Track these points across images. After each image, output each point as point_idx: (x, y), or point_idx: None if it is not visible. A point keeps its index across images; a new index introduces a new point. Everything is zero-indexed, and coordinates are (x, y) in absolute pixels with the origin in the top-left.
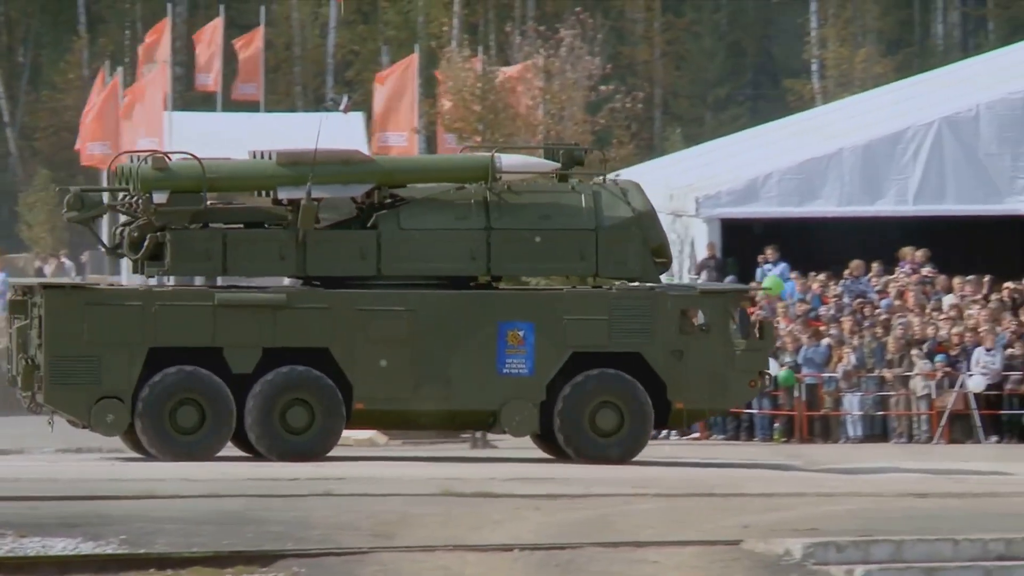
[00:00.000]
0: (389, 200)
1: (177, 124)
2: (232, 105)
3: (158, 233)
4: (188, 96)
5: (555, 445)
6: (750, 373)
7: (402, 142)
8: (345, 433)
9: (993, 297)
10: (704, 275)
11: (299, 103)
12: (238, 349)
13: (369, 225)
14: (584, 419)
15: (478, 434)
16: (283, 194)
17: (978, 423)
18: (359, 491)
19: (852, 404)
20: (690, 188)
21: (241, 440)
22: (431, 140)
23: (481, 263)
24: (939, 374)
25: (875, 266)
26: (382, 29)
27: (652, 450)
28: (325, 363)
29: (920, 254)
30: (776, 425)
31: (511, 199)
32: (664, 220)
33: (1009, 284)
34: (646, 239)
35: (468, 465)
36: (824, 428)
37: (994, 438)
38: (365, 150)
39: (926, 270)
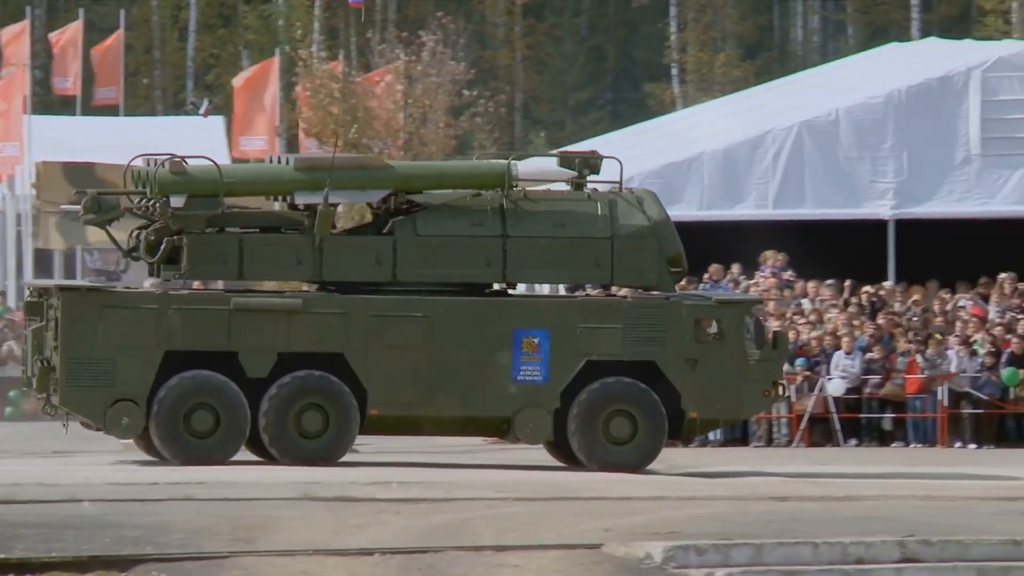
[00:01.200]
0: (405, 206)
1: (36, 128)
2: (91, 109)
3: (175, 237)
4: (48, 100)
5: (567, 453)
6: (764, 383)
7: (262, 146)
8: None
9: (852, 301)
10: None
11: (159, 107)
12: (253, 353)
13: (385, 231)
14: (598, 427)
15: None
16: (300, 199)
17: (837, 426)
18: (219, 495)
19: None
20: None
21: (254, 444)
22: (292, 145)
23: (496, 270)
24: (799, 378)
25: (735, 270)
26: (242, 33)
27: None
28: (340, 368)
29: (780, 258)
30: None
31: (527, 207)
32: None
33: (868, 288)
34: (661, 248)
35: (329, 469)
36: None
37: (853, 441)
38: (224, 155)
39: (787, 274)
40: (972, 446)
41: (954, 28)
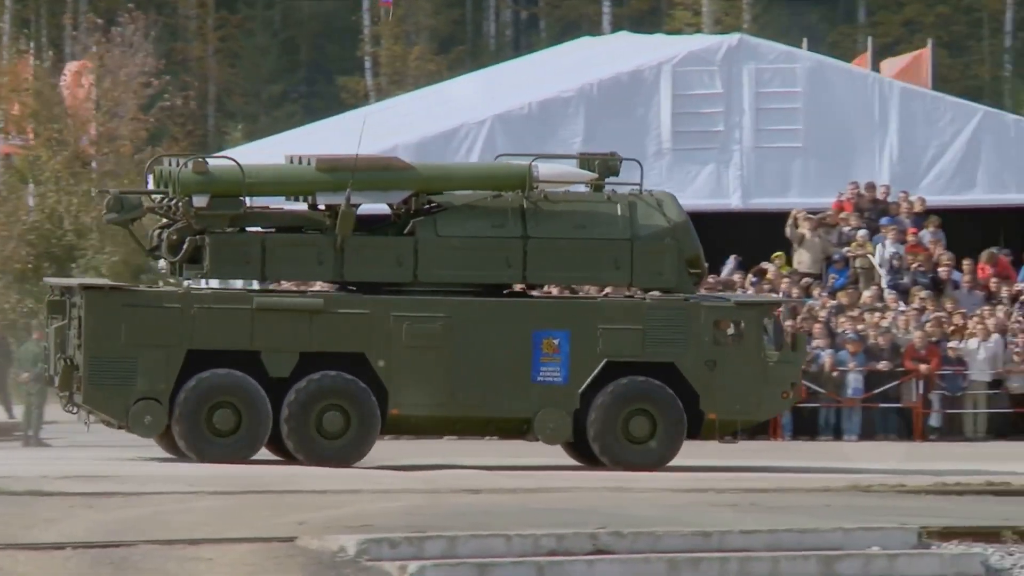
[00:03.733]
0: (427, 207)
1: None
2: None
3: (197, 236)
4: None
5: (585, 453)
6: (783, 384)
7: None
8: None
9: None
10: None
11: None
12: (276, 353)
13: (406, 232)
14: (618, 427)
15: (30, 432)
16: (322, 200)
17: None
18: None
19: None
20: None
21: (273, 444)
22: None
23: (517, 271)
24: None
25: None
26: None
27: None
28: (361, 368)
29: None
30: None
31: (547, 208)
32: None
33: None
34: (681, 250)
35: (20, 463)
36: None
37: None
38: None
39: None
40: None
41: (645, 23)
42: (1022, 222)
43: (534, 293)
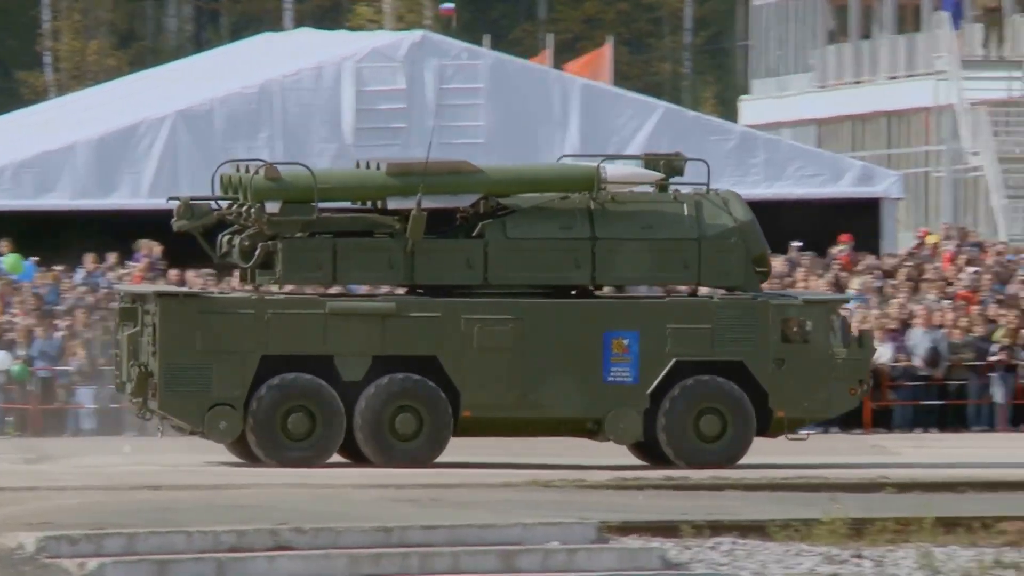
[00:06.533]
0: (494, 210)
1: None
2: None
3: (269, 242)
4: None
5: (651, 452)
6: (850, 381)
7: None
8: None
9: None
10: None
11: None
12: (348, 357)
13: (475, 234)
14: (688, 425)
15: None
16: (393, 204)
17: None
18: None
19: (86, 397)
20: None
21: (344, 447)
22: None
23: (585, 272)
24: None
25: (110, 258)
26: None
27: None
28: (433, 371)
29: (156, 247)
30: (9, 419)
31: (614, 209)
32: None
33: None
34: (748, 248)
35: None
36: (58, 422)
37: None
38: None
39: (161, 263)
40: None
41: (327, 19)
42: None
43: (602, 293)
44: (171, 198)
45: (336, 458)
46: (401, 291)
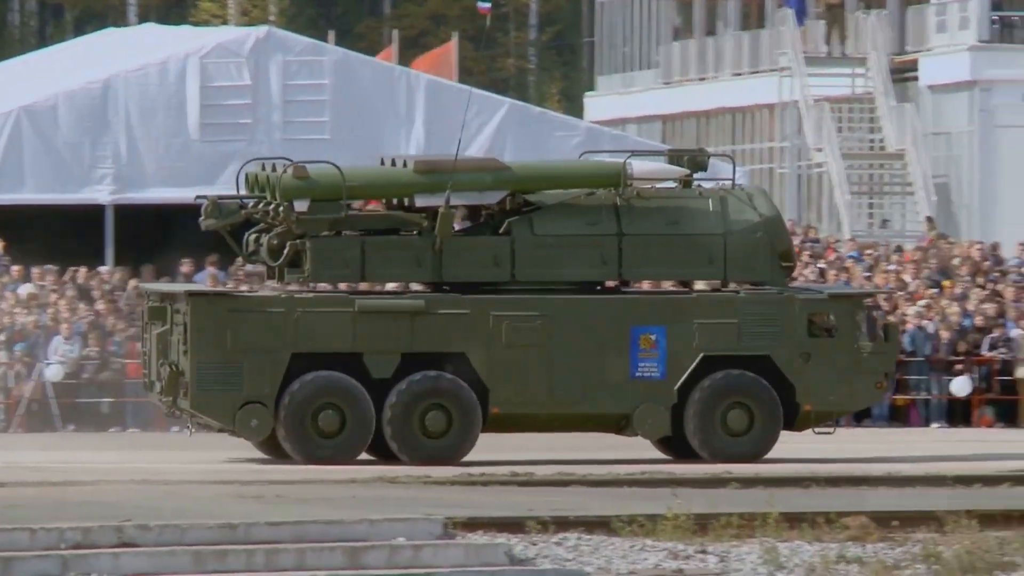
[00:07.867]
0: (521, 206)
1: None
2: None
3: (297, 241)
4: None
5: (678, 448)
6: (876, 375)
7: None
8: None
9: (70, 286)
10: None
11: None
12: (378, 354)
13: (502, 231)
14: (716, 420)
15: None
16: (420, 201)
17: (56, 411)
18: None
19: None
20: None
21: (374, 444)
22: None
23: (612, 268)
24: (17, 364)
25: None
26: None
27: None
28: (462, 368)
29: None
30: None
31: (640, 205)
32: None
33: (83, 270)
34: (773, 243)
35: None
36: None
37: (72, 426)
38: None
39: (4, 259)
40: None
41: (171, 14)
42: None
43: (629, 289)
44: (199, 197)
45: (363, 456)
46: (428, 288)
